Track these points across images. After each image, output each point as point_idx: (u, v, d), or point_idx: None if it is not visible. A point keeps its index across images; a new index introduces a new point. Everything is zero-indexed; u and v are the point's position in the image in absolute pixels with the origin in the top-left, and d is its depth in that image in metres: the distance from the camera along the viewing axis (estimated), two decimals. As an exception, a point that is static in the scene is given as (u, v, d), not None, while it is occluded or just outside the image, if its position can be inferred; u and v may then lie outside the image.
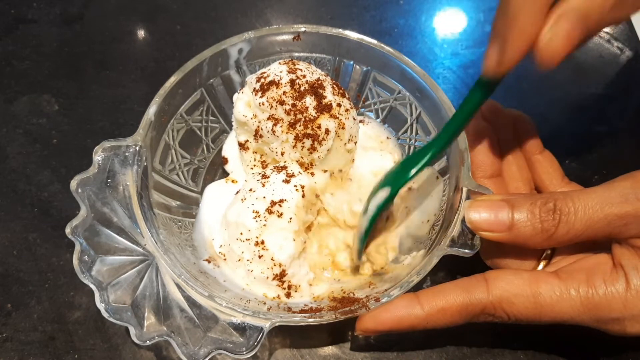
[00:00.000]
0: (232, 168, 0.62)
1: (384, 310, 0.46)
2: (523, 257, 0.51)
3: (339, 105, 0.54)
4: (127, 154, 0.51)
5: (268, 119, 0.53)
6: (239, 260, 0.51)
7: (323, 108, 0.53)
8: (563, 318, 0.45)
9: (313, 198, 0.55)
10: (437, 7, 0.88)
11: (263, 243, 0.50)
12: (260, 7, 0.86)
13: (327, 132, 0.53)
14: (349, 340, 0.56)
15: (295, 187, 0.52)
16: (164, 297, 0.46)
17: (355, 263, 0.57)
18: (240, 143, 0.58)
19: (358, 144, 0.59)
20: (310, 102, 0.52)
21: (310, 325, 0.45)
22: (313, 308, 0.48)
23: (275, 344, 0.56)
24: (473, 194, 0.49)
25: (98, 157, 0.50)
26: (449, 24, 0.85)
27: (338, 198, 0.57)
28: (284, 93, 0.52)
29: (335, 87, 0.56)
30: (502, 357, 0.56)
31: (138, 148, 0.51)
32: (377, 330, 0.47)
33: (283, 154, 0.54)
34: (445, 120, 0.51)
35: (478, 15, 0.86)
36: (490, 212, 0.46)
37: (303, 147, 0.53)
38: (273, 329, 0.44)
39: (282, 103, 0.52)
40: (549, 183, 0.55)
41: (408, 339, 0.57)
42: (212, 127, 0.64)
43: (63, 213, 0.64)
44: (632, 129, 0.75)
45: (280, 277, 0.51)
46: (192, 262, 0.52)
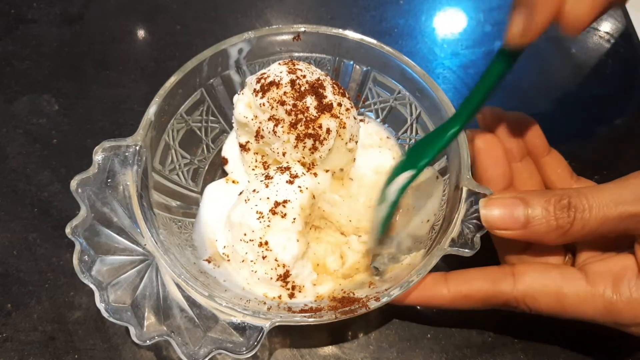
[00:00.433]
0: (232, 168, 0.62)
1: (413, 287, 0.47)
2: (549, 250, 0.51)
3: (340, 105, 0.54)
4: (127, 154, 0.51)
5: (269, 120, 0.53)
6: (243, 261, 0.51)
7: (324, 108, 0.53)
8: (584, 318, 0.46)
9: (315, 199, 0.55)
10: (437, 7, 0.88)
11: (267, 244, 0.50)
12: (260, 7, 0.86)
13: (328, 131, 0.53)
14: (349, 340, 0.56)
15: (299, 187, 0.52)
16: (164, 297, 0.46)
17: (371, 247, 0.56)
18: (241, 144, 0.58)
19: (358, 143, 0.59)
20: (311, 102, 0.52)
21: (310, 325, 0.45)
22: (313, 308, 0.48)
23: (275, 344, 0.56)
24: (482, 196, 0.49)
25: (98, 157, 0.50)
26: (449, 24, 0.85)
27: (338, 202, 0.57)
28: (285, 93, 0.52)
29: (336, 86, 0.56)
30: (502, 357, 0.56)
31: (138, 148, 0.51)
32: (404, 303, 0.50)
33: (284, 155, 0.54)
34: (445, 120, 0.51)
35: (478, 15, 0.86)
36: (505, 210, 0.46)
37: (304, 147, 0.53)
38: (273, 329, 0.44)
39: (282, 103, 0.52)
40: (559, 184, 0.55)
41: (407, 339, 0.57)
42: (212, 127, 0.64)
43: (63, 213, 0.64)
44: (632, 129, 0.75)
45: (284, 277, 0.51)
46: (192, 262, 0.52)
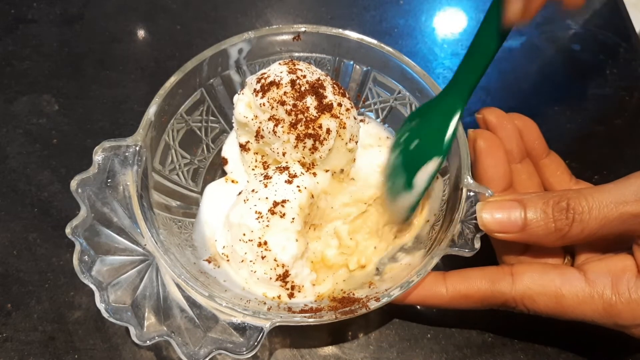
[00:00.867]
0: (231, 169, 0.62)
1: (413, 287, 0.47)
2: (548, 251, 0.51)
3: (340, 105, 0.54)
4: (127, 154, 0.51)
5: (269, 120, 0.53)
6: (242, 262, 0.51)
7: (324, 108, 0.53)
8: (584, 319, 0.45)
9: (314, 198, 0.55)
10: (437, 7, 0.87)
11: (266, 244, 0.50)
12: (260, 7, 0.85)
13: (328, 131, 0.53)
14: (349, 340, 0.56)
15: (298, 187, 0.52)
16: (164, 297, 0.46)
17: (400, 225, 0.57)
18: (241, 144, 0.58)
19: (359, 143, 0.59)
20: (311, 102, 0.52)
21: (310, 325, 0.45)
22: (313, 308, 0.48)
23: (275, 344, 0.56)
24: (482, 196, 0.49)
25: (98, 157, 0.50)
26: (449, 24, 0.85)
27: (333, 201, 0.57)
28: (285, 93, 0.52)
29: (336, 86, 0.56)
30: (502, 357, 0.56)
31: (138, 148, 0.51)
32: (403, 303, 0.50)
33: (284, 155, 0.54)
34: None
35: (478, 15, 0.86)
36: (503, 212, 0.45)
37: (304, 147, 0.53)
38: (273, 329, 0.44)
39: (282, 103, 0.52)
40: (558, 186, 0.55)
41: (407, 339, 0.57)
42: (212, 127, 0.64)
43: (63, 213, 0.64)
44: (632, 129, 0.75)
45: (284, 277, 0.51)
46: (192, 262, 0.52)
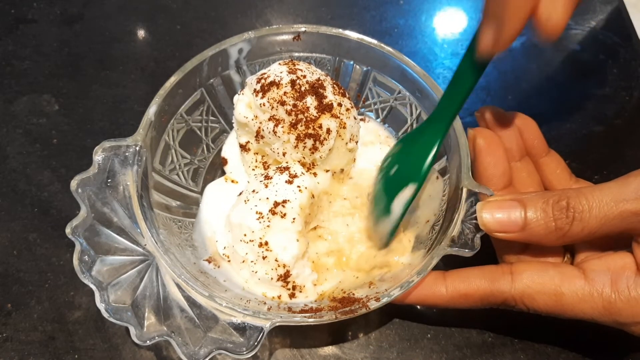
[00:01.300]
0: (231, 169, 0.62)
1: (413, 287, 0.47)
2: (548, 250, 0.51)
3: (340, 105, 0.54)
4: (127, 154, 0.51)
5: (269, 120, 0.53)
6: (243, 262, 0.51)
7: (324, 108, 0.53)
8: (583, 317, 0.45)
9: (315, 198, 0.55)
10: (437, 7, 0.87)
11: (267, 244, 0.50)
12: (260, 7, 0.85)
13: (328, 131, 0.53)
14: (349, 340, 0.56)
15: (299, 187, 0.52)
16: (164, 297, 0.46)
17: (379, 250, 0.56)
18: (242, 144, 0.58)
19: (359, 142, 0.59)
20: (311, 102, 0.52)
21: (310, 325, 0.45)
22: (313, 308, 0.48)
23: (275, 344, 0.56)
24: (482, 196, 0.49)
25: (98, 157, 0.50)
26: (449, 24, 0.85)
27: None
28: (285, 93, 0.52)
29: (336, 86, 0.56)
30: (502, 357, 0.56)
31: (138, 148, 0.51)
32: (403, 302, 0.50)
33: (285, 155, 0.54)
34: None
35: (478, 15, 0.86)
36: (503, 212, 0.45)
37: (305, 147, 0.53)
38: (273, 329, 0.44)
39: (283, 103, 0.52)
40: (558, 184, 0.55)
41: (407, 339, 0.57)
42: (212, 127, 0.64)
43: (63, 213, 0.64)
44: (632, 129, 0.75)
45: (285, 277, 0.51)
46: (192, 262, 0.52)
